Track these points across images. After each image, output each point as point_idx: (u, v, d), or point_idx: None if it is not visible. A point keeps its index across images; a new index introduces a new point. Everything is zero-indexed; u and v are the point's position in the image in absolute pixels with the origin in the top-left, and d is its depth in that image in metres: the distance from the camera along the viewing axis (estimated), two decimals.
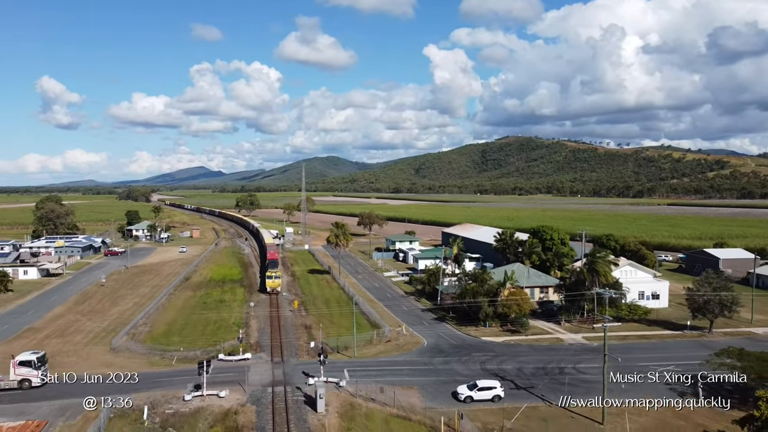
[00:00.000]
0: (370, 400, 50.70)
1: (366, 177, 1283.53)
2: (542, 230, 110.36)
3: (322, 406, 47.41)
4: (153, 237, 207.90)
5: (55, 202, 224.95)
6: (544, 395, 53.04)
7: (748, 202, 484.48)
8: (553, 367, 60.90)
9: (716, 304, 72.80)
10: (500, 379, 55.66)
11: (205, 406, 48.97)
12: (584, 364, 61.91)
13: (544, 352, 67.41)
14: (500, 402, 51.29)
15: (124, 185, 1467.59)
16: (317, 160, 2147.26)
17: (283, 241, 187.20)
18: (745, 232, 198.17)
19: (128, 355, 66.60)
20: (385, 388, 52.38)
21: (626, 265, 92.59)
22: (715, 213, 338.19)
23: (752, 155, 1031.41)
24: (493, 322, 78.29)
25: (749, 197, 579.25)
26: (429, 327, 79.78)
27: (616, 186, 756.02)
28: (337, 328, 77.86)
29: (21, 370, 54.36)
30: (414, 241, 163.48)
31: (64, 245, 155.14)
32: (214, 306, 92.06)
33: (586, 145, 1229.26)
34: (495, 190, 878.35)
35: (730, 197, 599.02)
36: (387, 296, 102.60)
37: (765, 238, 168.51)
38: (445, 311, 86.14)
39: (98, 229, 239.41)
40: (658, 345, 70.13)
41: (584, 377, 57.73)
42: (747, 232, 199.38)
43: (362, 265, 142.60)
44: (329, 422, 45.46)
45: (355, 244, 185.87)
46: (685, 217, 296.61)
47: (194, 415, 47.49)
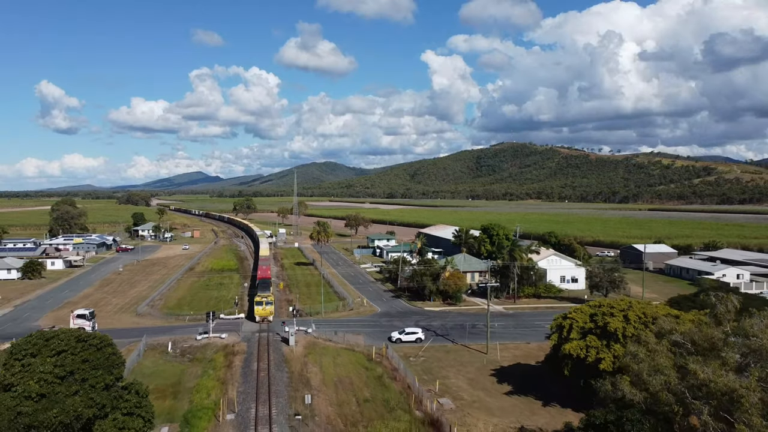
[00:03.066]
0: (328, 340, 71.50)
1: (362, 182, 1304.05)
2: (490, 228, 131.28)
3: (293, 342, 68.14)
4: (158, 236, 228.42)
5: (70, 204, 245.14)
6: (453, 339, 73.92)
7: (722, 207, 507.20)
8: (469, 324, 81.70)
9: (607, 282, 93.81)
10: (425, 330, 76.55)
11: (211, 343, 69.78)
12: (493, 323, 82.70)
13: (468, 316, 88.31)
14: (421, 343, 72.15)
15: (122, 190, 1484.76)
16: (315, 165, 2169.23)
17: (276, 240, 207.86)
18: (693, 233, 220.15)
19: (150, 318, 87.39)
20: (339, 333, 73.23)
21: (551, 255, 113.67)
22: (686, 217, 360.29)
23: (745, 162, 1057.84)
24: (437, 298, 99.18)
25: (728, 202, 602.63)
26: (386, 302, 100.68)
27: (603, 192, 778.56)
28: (312, 301, 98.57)
29: (78, 321, 74.90)
30: (391, 240, 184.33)
31: (81, 242, 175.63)
32: (215, 287, 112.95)
33: (578, 152, 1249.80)
34: (487, 195, 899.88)
35: (711, 203, 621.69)
36: (359, 282, 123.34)
37: (704, 238, 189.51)
38: (402, 291, 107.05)
39: (106, 230, 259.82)
40: (557, 312, 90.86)
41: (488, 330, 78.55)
42: (695, 233, 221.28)
43: (344, 259, 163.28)
44: (296, 351, 66.22)
45: (340, 243, 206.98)
46: (651, 220, 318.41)
47: (203, 348, 68.24)
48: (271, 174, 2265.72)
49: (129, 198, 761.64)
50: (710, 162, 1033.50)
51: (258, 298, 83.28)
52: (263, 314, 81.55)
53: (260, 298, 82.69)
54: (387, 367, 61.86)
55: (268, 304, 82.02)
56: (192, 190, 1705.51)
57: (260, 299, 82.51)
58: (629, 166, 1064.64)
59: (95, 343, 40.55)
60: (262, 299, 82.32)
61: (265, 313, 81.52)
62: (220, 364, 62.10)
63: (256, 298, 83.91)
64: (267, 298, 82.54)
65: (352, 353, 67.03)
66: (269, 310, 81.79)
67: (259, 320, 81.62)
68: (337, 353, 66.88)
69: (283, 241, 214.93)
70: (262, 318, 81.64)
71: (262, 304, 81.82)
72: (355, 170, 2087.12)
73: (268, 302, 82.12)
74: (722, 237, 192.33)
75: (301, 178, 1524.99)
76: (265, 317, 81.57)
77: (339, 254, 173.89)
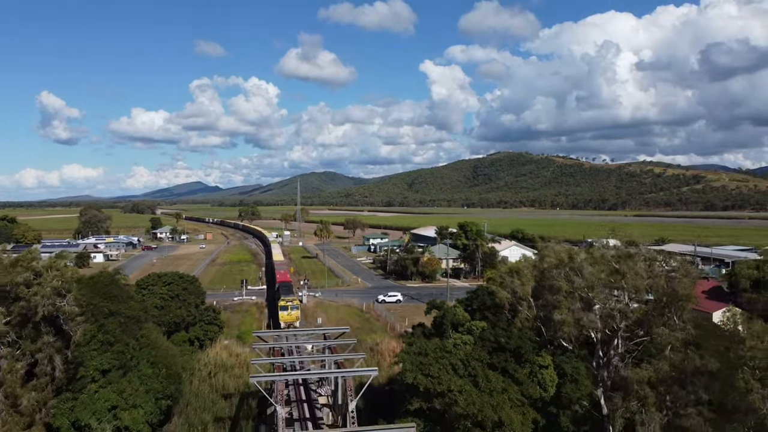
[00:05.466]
0: (331, 300, 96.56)
1: (360, 192, 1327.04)
2: (466, 225, 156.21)
3: (305, 300, 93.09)
4: (175, 238, 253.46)
5: (97, 210, 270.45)
6: (424, 301, 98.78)
7: (702, 213, 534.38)
8: (435, 294, 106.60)
9: None
10: (404, 296, 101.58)
11: (244, 302, 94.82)
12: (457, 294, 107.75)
13: (440, 289, 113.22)
14: (400, 303, 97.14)
15: (122, 200, 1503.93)
16: (314, 175, 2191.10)
17: (282, 240, 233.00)
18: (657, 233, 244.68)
19: None
20: (339, 295, 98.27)
21: (512, 245, 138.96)
22: (665, 221, 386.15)
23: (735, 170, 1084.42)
24: (417, 278, 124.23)
25: (712, 209, 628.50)
26: (376, 281, 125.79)
27: (594, 199, 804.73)
28: (317, 281, 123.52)
29: None
30: (384, 239, 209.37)
31: (113, 241, 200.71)
32: (238, 272, 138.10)
33: (573, 161, 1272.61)
34: (482, 203, 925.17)
35: (696, 209, 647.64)
36: (355, 269, 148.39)
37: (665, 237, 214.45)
38: (389, 274, 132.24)
39: (125, 233, 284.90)
40: None
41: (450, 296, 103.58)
42: (659, 233, 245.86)
43: (342, 254, 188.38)
44: (308, 306, 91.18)
45: (339, 243, 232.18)
46: (627, 224, 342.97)
47: (239, 305, 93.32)
48: (271, 184, 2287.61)
49: (134, 207, 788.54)
50: (700, 171, 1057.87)
51: (282, 302, 74.55)
52: (289, 320, 73.11)
53: (285, 302, 74.16)
54: (374, 315, 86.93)
55: (294, 308, 74.29)
56: (192, 200, 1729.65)
57: (285, 303, 74.04)
58: (622, 175, 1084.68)
59: (189, 279, 65.80)
60: (287, 303, 74.11)
61: (291, 319, 73.31)
62: (254, 313, 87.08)
63: (280, 302, 75.25)
64: (292, 302, 75.05)
65: (349, 308, 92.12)
66: (295, 315, 74.00)
67: (284, 326, 71.00)
68: (337, 307, 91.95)
69: (288, 241, 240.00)
70: (288, 324, 72.24)
71: (288, 309, 73.58)
72: (354, 180, 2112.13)
73: (294, 306, 74.52)
74: (680, 236, 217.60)
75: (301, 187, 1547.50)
76: (291, 323, 72.89)
77: (338, 251, 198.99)
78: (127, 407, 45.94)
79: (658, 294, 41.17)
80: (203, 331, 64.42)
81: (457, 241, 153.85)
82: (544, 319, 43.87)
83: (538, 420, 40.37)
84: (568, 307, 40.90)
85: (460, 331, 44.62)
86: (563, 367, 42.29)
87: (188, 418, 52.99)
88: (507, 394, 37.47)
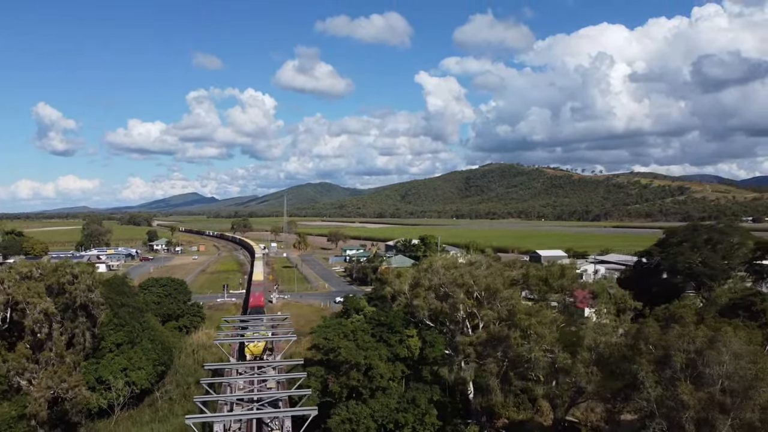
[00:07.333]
0: (297, 301, 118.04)
1: (354, 203, 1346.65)
2: (426, 237, 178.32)
3: (275, 301, 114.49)
4: (170, 250, 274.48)
5: (98, 224, 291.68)
6: None
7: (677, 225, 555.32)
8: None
9: None
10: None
11: (226, 303, 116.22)
12: None
13: None
14: None
15: (118, 211, 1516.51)
16: (309, 186, 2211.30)
17: (269, 251, 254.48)
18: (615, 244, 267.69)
19: None
20: (303, 297, 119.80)
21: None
22: (637, 233, 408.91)
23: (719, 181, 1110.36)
24: (376, 284, 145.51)
25: (689, 220, 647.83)
26: (340, 286, 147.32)
27: (578, 210, 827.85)
28: (291, 286, 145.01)
29: None
30: (360, 250, 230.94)
31: (113, 253, 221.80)
32: (224, 279, 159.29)
33: (563, 172, 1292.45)
34: (471, 215, 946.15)
35: (674, 220, 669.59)
36: (327, 277, 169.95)
37: (620, 247, 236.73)
38: (354, 280, 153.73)
39: (123, 245, 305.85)
40: None
41: None
42: (617, 244, 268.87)
43: (320, 264, 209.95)
44: (276, 306, 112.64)
45: (321, 254, 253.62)
46: (595, 235, 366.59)
47: (221, 305, 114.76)
48: (267, 195, 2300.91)
49: (131, 219, 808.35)
50: (686, 182, 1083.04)
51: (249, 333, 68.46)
52: (255, 352, 65.99)
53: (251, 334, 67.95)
54: (328, 311, 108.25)
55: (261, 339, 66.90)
56: (188, 212, 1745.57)
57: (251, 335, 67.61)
58: (610, 186, 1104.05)
59: (179, 282, 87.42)
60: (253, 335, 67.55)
61: (258, 351, 66.26)
62: (233, 311, 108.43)
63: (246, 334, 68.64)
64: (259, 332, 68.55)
65: (310, 306, 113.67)
66: (262, 346, 66.98)
67: (250, 358, 65.32)
68: (300, 306, 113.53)
69: (274, 252, 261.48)
70: (255, 356, 65.72)
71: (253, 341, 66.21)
72: (350, 191, 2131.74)
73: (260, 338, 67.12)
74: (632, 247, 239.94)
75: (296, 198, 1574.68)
76: (257, 355, 66.07)
77: (317, 261, 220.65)
78: (134, 369, 67.65)
79: (480, 288, 62.85)
80: (189, 321, 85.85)
81: (418, 252, 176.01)
82: (413, 306, 65.59)
83: (404, 371, 62.03)
84: (423, 297, 62.68)
85: (359, 314, 66.26)
86: (425, 337, 64.10)
87: (177, 380, 74.72)
88: (378, 351, 59.01)
